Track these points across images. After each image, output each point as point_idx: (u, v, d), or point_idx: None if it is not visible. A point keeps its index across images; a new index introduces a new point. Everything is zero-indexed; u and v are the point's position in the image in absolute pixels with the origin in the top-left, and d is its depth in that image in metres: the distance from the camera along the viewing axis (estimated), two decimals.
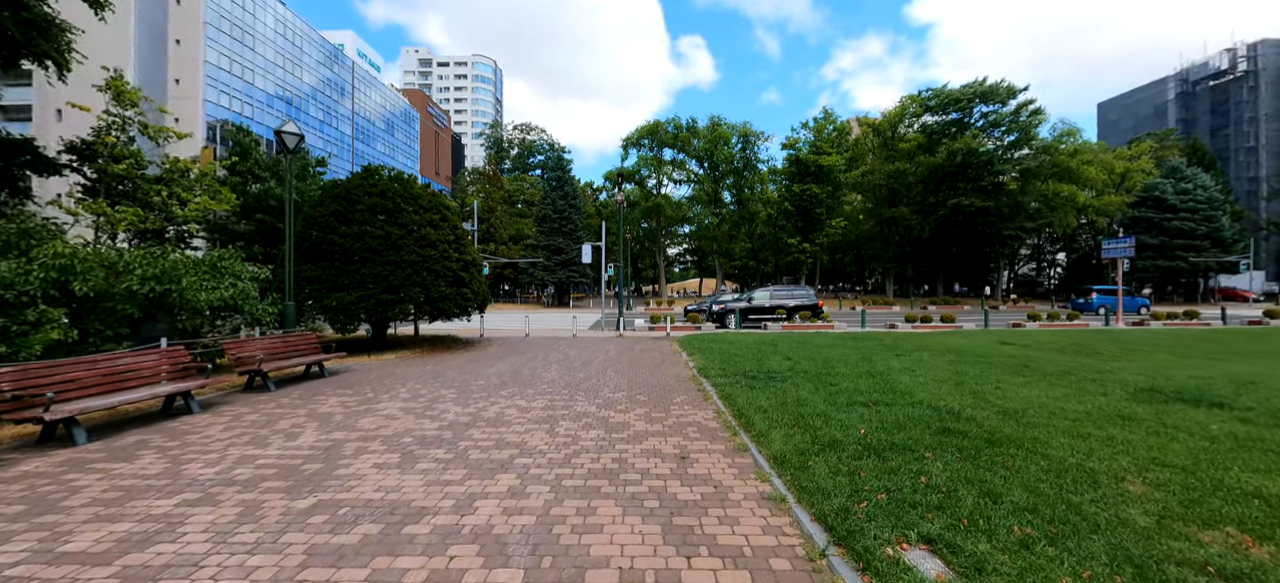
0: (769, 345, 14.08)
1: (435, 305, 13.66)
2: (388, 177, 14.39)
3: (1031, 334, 17.69)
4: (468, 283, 14.52)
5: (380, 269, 12.71)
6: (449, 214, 14.90)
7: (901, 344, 14.04)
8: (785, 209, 44.86)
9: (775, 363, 10.71)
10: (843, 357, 11.51)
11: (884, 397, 7.39)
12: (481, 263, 16.27)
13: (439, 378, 9.85)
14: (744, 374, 9.44)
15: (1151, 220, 45.84)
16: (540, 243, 46.82)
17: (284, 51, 65.03)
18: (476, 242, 45.43)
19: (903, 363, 10.56)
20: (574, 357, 12.86)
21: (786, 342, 14.98)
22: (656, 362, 11.80)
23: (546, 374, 10.18)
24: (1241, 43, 72.24)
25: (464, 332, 20.19)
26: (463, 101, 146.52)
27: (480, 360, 12.31)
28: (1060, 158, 40.68)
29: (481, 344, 15.99)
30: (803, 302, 24.89)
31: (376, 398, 8.01)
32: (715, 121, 50.09)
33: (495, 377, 9.90)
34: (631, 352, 13.89)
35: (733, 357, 11.83)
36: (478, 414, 6.89)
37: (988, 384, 8.41)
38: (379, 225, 13.05)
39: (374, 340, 15.04)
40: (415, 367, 11.29)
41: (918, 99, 45.03)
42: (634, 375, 9.91)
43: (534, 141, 76.64)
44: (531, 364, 11.61)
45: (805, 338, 16.04)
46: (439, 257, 13.71)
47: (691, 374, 9.96)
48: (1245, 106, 71.32)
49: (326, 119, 72.53)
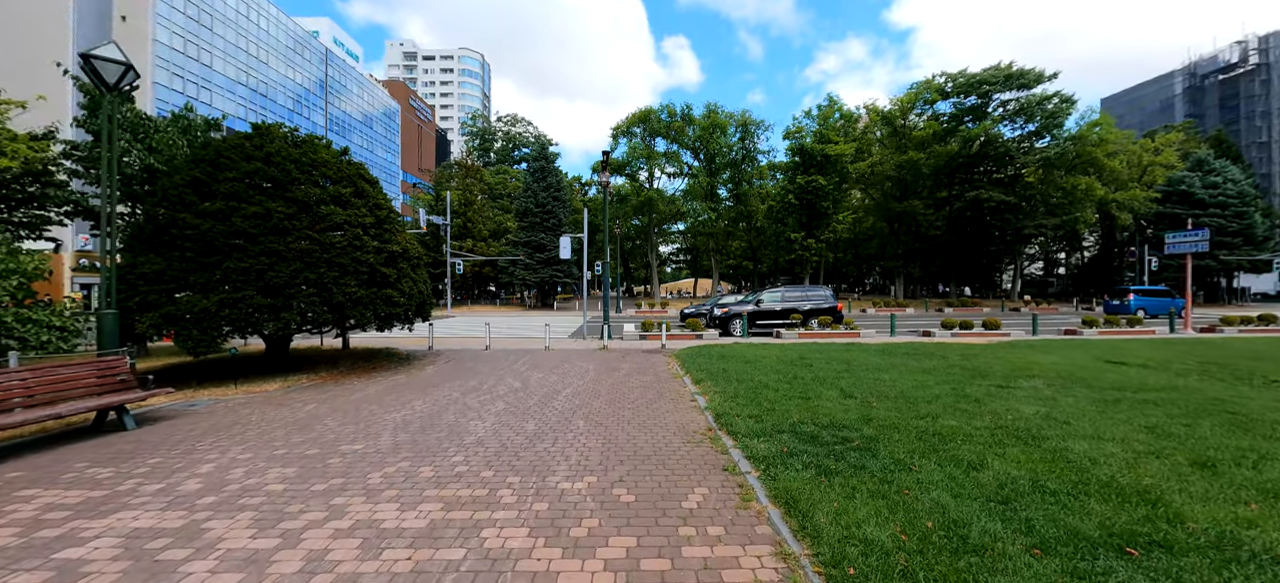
0: (802, 366, 10.40)
1: (341, 313, 9.85)
2: (283, 135, 10.56)
3: (1128, 347, 14.17)
4: (393, 282, 10.70)
5: (253, 262, 8.87)
6: (368, 189, 11.07)
7: (987, 368, 10.40)
8: (789, 202, 41.25)
9: (832, 404, 7.03)
10: (926, 391, 7.86)
11: (1075, 489, 3.84)
12: (420, 255, 12.47)
13: (304, 433, 6.08)
14: (794, 431, 5.73)
15: (1179, 217, 42.78)
16: (521, 239, 42.91)
17: (249, 34, 60.50)
18: (450, 238, 41.50)
19: (1031, 405, 6.91)
20: (534, 385, 9.11)
21: (822, 360, 11.30)
22: (650, 396, 8.09)
23: (477, 426, 6.42)
24: (1253, 35, 69.93)
25: (410, 342, 16.36)
26: (449, 97, 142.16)
27: (402, 391, 8.54)
28: (1086, 150, 37.47)
29: (422, 361, 12.19)
30: (819, 304, 21.27)
31: (125, 493, 4.21)
32: (711, 109, 46.39)
33: (396, 432, 6.13)
34: (615, 374, 10.18)
35: (760, 389, 8.14)
36: (267, 558, 3.13)
37: (1222, 451, 4.83)
38: (256, 201, 9.21)
39: (270, 357, 11.19)
40: (290, 408, 7.50)
41: (932, 84, 41.57)
42: (614, 428, 6.18)
43: (519, 134, 72.68)
44: (468, 401, 7.86)
45: (844, 355, 12.38)
46: (348, 245, 9.89)
47: (706, 426, 6.25)
48: (1257, 101, 68.98)
49: (297, 109, 68.03)
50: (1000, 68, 40.05)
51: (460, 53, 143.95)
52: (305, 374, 10.39)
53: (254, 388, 9.04)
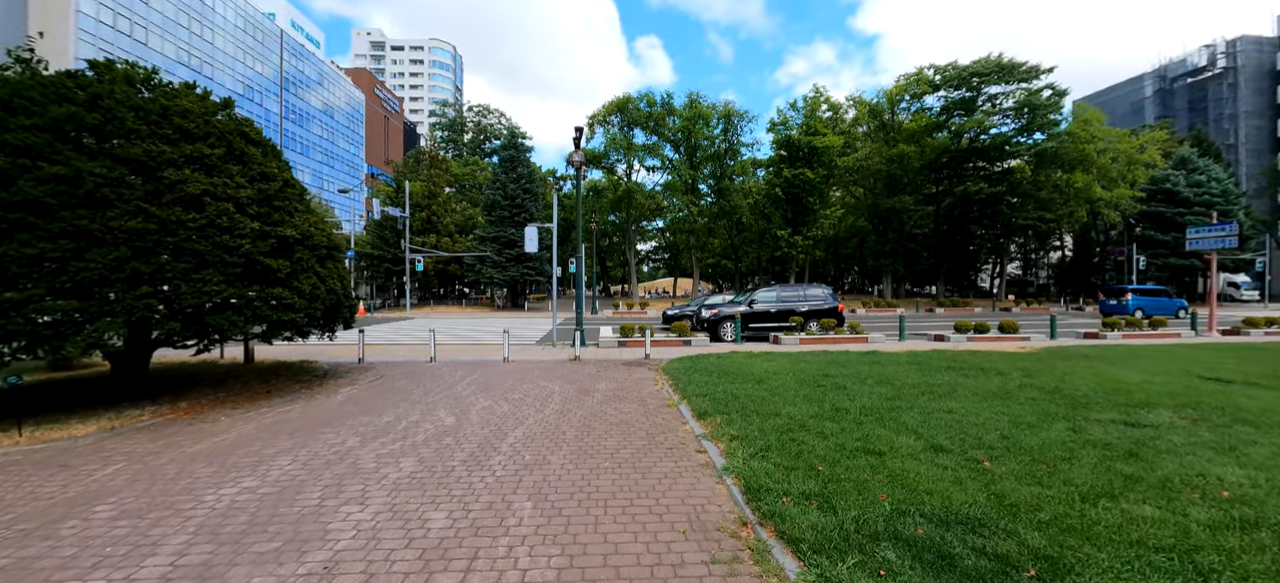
0: (832, 388, 7.94)
1: (197, 323, 6.99)
2: (127, 75, 7.62)
3: (1186, 354, 12.17)
4: (283, 278, 7.85)
5: (46, 247, 5.97)
6: (254, 152, 8.18)
7: (1072, 390, 8.09)
8: (775, 196, 39.06)
9: (923, 466, 4.53)
10: (1038, 436, 5.43)
11: None
12: (337, 245, 9.63)
13: (19, 547, 3.29)
14: (895, 537, 3.18)
15: (1163, 215, 42.26)
16: (489, 235, 39.72)
17: (191, 10, 55.58)
18: (410, 232, 38.15)
19: (1227, 465, 4.55)
20: (474, 421, 6.43)
21: (852, 378, 8.85)
22: (636, 442, 5.49)
23: (348, 520, 3.71)
24: (1221, 39, 71.06)
25: (339, 353, 13.42)
26: (418, 89, 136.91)
27: (274, 436, 5.77)
28: (1077, 145, 36.28)
29: (340, 381, 9.34)
30: (818, 305, 19.02)
31: None
32: (694, 98, 43.88)
33: (194, 538, 3.39)
34: (588, 399, 7.55)
35: (796, 432, 5.62)
36: None
37: None
38: (61, 158, 6.30)
39: (117, 380, 8.20)
40: (64, 478, 4.68)
41: (920, 77, 40.01)
42: (581, 520, 3.56)
43: (491, 125, 69.07)
44: (363, 456, 5.16)
45: (875, 370, 9.97)
46: (209, 224, 7.03)
47: (734, 515, 3.69)
48: (1225, 103, 70.08)
49: (247, 93, 63.12)
50: (990, 60, 38.63)
51: (431, 44, 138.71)
52: (162, 404, 7.48)
53: (53, 433, 6.13)
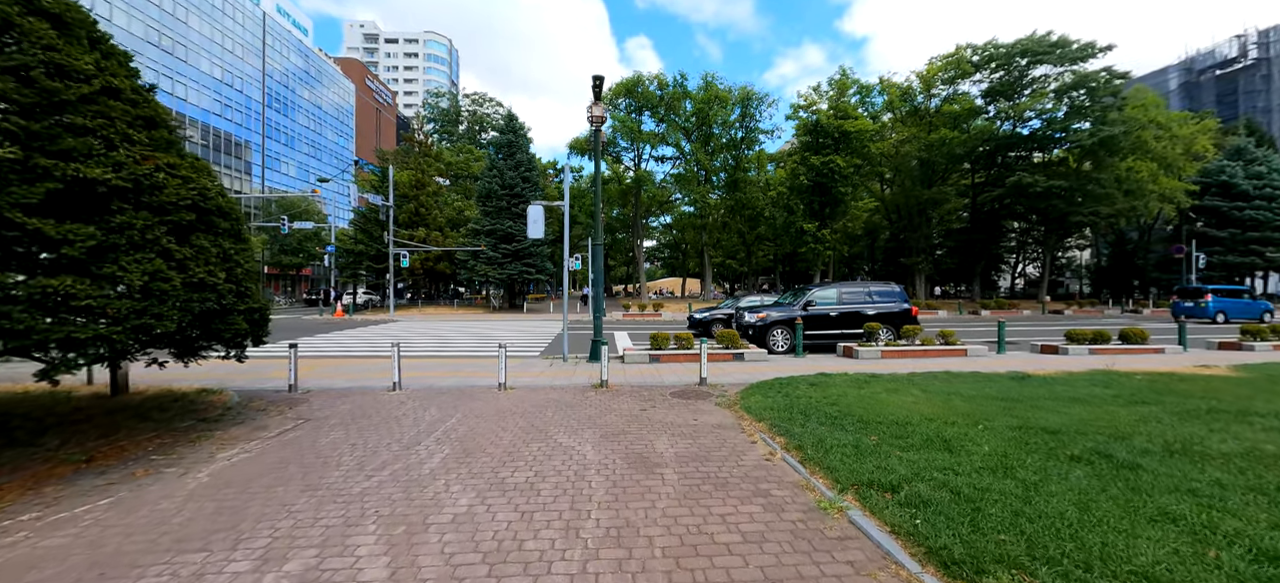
0: (1060, 448, 4.22)
1: None
2: None
3: None
4: (76, 257, 4.07)
5: None
6: (34, 22, 4.39)
7: None
8: (800, 185, 35.38)
9: None
10: None
11: None
12: (225, 210, 5.86)
13: None
14: None
15: (1220, 210, 38.78)
16: (484, 227, 35.92)
17: None
18: (393, 223, 34.28)
19: None
20: (430, 576, 2.69)
21: (1075, 428, 5.14)
22: None
23: None
24: (1253, 29, 67.92)
25: (265, 371, 9.58)
26: (413, 83, 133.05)
27: None
28: (1136, 132, 32.76)
29: (241, 427, 5.55)
30: (888, 307, 15.31)
31: None
32: (709, 80, 40.09)
33: None
34: (658, 487, 3.70)
35: None
36: None
37: None
38: None
39: None
40: None
41: (957, 58, 36.40)
42: None
43: (486, 115, 65.25)
44: None
45: (1073, 413, 6.24)
46: None
47: None
48: (1258, 95, 66.89)
49: (226, 78, 59.09)
50: (1037, 38, 35.07)
51: (425, 37, 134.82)
52: None
53: None
